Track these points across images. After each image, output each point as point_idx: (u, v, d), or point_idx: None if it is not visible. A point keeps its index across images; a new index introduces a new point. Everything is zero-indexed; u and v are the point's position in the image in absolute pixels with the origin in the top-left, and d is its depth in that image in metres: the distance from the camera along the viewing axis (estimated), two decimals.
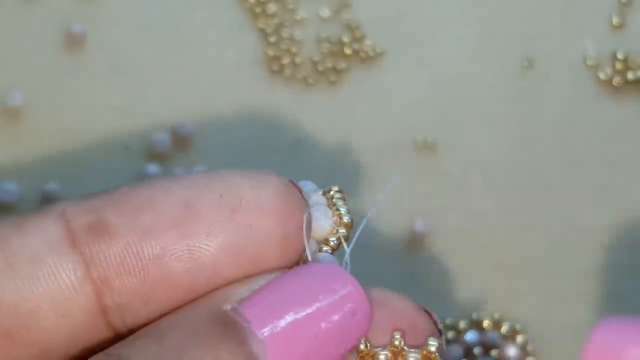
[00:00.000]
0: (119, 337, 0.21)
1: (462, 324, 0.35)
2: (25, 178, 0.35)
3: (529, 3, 0.37)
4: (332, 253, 0.23)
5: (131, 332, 0.21)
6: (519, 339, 0.35)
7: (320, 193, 0.25)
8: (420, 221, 0.35)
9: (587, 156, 0.36)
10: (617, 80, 0.36)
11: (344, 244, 0.23)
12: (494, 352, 0.35)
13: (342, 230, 0.24)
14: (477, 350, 0.35)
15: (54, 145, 0.35)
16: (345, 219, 0.24)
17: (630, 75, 0.36)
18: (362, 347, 0.22)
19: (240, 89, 0.36)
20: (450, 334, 0.35)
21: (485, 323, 0.35)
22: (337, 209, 0.24)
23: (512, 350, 0.35)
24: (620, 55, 0.36)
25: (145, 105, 0.36)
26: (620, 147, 0.36)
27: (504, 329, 0.35)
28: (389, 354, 0.22)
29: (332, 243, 0.24)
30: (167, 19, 0.36)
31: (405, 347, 0.22)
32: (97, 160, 0.35)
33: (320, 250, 0.23)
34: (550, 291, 0.36)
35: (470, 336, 0.35)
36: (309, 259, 0.22)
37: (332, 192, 0.25)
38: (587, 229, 0.36)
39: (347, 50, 0.36)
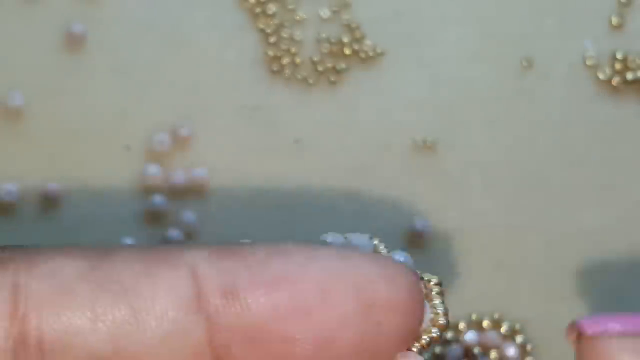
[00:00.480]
0: None
1: (461, 324, 0.35)
2: (25, 178, 0.35)
3: (529, 3, 0.37)
4: (421, 352, 0.22)
5: None
6: (519, 338, 0.35)
7: (420, 277, 0.23)
8: (420, 221, 0.35)
9: (587, 156, 0.36)
10: (616, 80, 0.36)
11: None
12: (493, 352, 0.35)
13: (435, 331, 0.22)
14: (476, 350, 0.35)
15: (54, 145, 0.35)
16: (441, 321, 0.22)
17: (629, 76, 0.36)
18: None
19: (240, 89, 0.36)
20: (449, 334, 0.35)
21: (485, 323, 0.35)
22: (435, 307, 0.23)
23: (511, 350, 0.35)
24: (619, 56, 0.36)
25: (145, 105, 0.36)
26: (620, 147, 0.36)
27: (504, 328, 0.35)
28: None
29: (423, 341, 0.22)
30: (167, 19, 0.36)
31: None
32: (97, 160, 0.36)
33: (408, 348, 0.22)
34: (550, 291, 0.36)
35: (470, 336, 0.35)
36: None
37: (431, 283, 0.23)
38: (587, 229, 0.36)
39: (347, 51, 0.36)
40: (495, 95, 0.36)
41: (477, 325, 0.35)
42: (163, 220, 0.35)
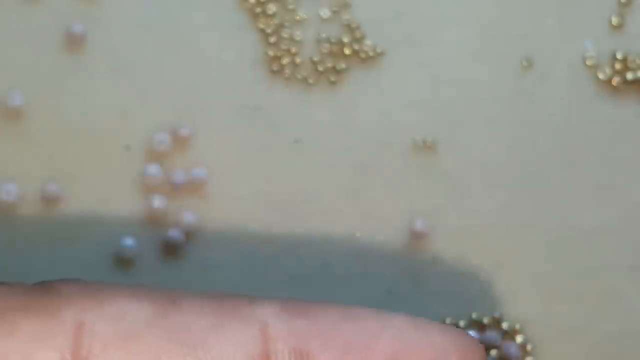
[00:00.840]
0: None
1: (461, 324, 0.35)
2: (25, 178, 0.35)
3: (529, 3, 0.37)
4: None
5: None
6: (519, 338, 0.35)
7: None
8: (420, 221, 0.36)
9: (587, 156, 0.36)
10: (616, 80, 0.36)
11: None
12: (493, 352, 0.35)
13: None
14: None
15: (54, 145, 0.35)
16: None
17: (629, 76, 0.36)
18: None
19: (240, 89, 0.36)
20: None
21: (485, 322, 0.35)
22: None
23: (511, 350, 0.35)
24: (619, 56, 0.36)
25: (145, 105, 0.36)
26: (620, 147, 0.36)
27: (504, 328, 0.35)
28: None
29: None
30: (167, 19, 0.36)
31: None
32: (97, 161, 0.36)
33: None
34: (550, 291, 0.36)
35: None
36: None
37: None
38: (587, 229, 0.36)
39: (347, 51, 0.36)
40: (495, 95, 0.36)
41: (477, 325, 0.35)
42: (163, 220, 0.35)
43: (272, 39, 0.36)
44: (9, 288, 0.21)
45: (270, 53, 0.36)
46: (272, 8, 0.36)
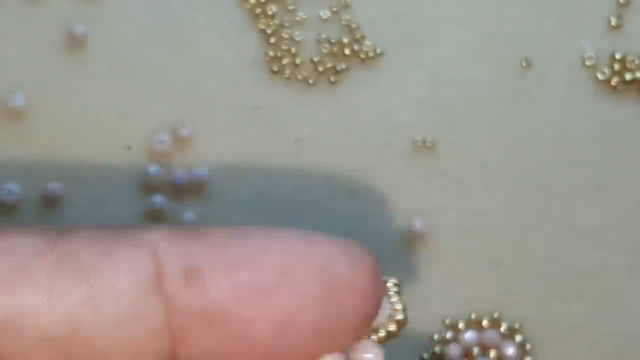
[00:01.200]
0: None
1: (460, 324, 0.35)
2: (26, 178, 0.35)
3: (528, 4, 0.37)
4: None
5: None
6: (518, 338, 0.35)
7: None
8: (419, 221, 0.36)
9: (586, 156, 0.36)
10: (615, 80, 0.36)
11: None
12: (492, 352, 0.35)
13: (393, 326, 0.23)
14: (475, 350, 0.35)
15: (56, 145, 0.36)
16: (399, 316, 0.23)
17: (628, 76, 0.36)
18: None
19: (240, 89, 0.36)
20: (449, 334, 0.35)
21: (484, 322, 0.35)
22: (393, 303, 0.23)
23: (510, 350, 0.35)
24: (618, 56, 0.36)
25: (146, 105, 0.36)
26: (619, 147, 0.36)
27: (503, 328, 0.35)
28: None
29: (380, 334, 0.23)
30: (167, 20, 0.36)
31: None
32: (98, 161, 0.36)
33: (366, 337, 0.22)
34: (550, 291, 0.36)
35: (469, 335, 0.35)
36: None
37: (389, 284, 0.24)
38: (586, 229, 0.36)
39: (347, 51, 0.36)
40: (494, 96, 0.36)
41: (476, 325, 0.35)
42: (163, 219, 0.36)
43: (273, 40, 0.36)
44: None
45: (271, 53, 0.36)
46: (272, 8, 0.36)
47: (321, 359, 0.21)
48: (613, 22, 0.36)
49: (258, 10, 0.36)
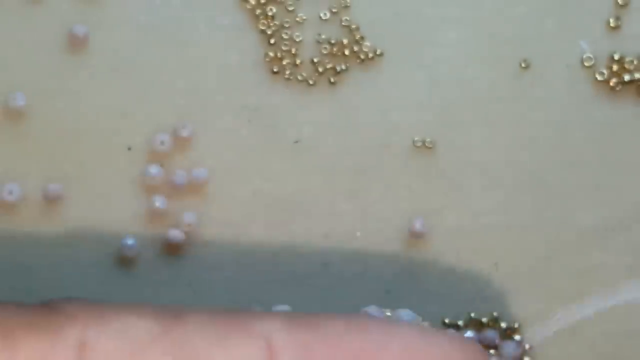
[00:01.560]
0: None
1: (460, 323, 0.35)
2: (27, 178, 0.35)
3: (526, 5, 0.37)
4: None
5: None
6: (517, 337, 0.35)
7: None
8: (419, 221, 0.36)
9: (584, 156, 0.36)
10: (613, 81, 0.36)
11: None
12: (492, 351, 0.35)
13: None
14: None
15: (56, 145, 0.36)
16: None
17: (626, 77, 0.36)
18: None
19: (240, 90, 0.36)
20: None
21: (484, 322, 0.35)
22: None
23: (510, 349, 0.35)
24: (617, 57, 0.36)
25: (146, 106, 0.36)
26: (617, 147, 0.36)
27: (502, 327, 0.35)
28: None
29: None
30: (168, 20, 0.36)
31: None
32: (99, 161, 0.36)
33: None
34: (549, 291, 0.36)
35: (469, 335, 0.35)
36: None
37: None
38: (585, 229, 0.36)
39: (347, 52, 0.36)
40: (494, 96, 0.36)
41: (475, 324, 0.35)
42: (164, 220, 0.36)
43: (273, 40, 0.36)
44: (14, 307, 0.20)
45: (271, 54, 0.36)
46: (272, 9, 0.36)
47: None
48: (612, 23, 0.36)
49: (258, 11, 0.36)
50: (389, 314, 0.23)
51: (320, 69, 0.36)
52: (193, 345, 0.20)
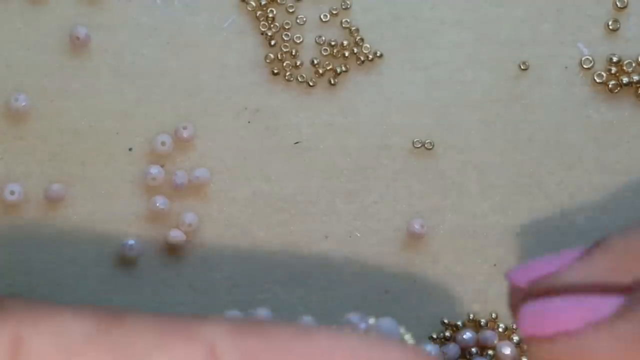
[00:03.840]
0: None
1: (459, 323, 0.35)
2: (29, 179, 0.36)
3: (525, 7, 0.37)
4: None
5: None
6: (515, 338, 0.35)
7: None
8: (418, 221, 0.36)
9: (582, 158, 0.36)
10: (612, 83, 0.36)
11: None
12: (490, 351, 0.35)
13: None
14: (473, 349, 0.35)
15: (58, 146, 0.36)
16: None
17: (625, 79, 0.36)
18: None
19: (241, 91, 0.36)
20: (447, 333, 0.35)
21: (482, 322, 0.35)
22: None
23: (507, 350, 0.35)
24: (615, 59, 0.36)
25: (148, 107, 0.36)
26: (615, 149, 0.36)
27: (500, 328, 0.35)
28: None
29: None
30: (169, 22, 0.36)
31: None
32: (100, 162, 0.36)
33: None
34: None
35: (467, 335, 0.35)
36: None
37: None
38: (582, 231, 0.36)
39: (347, 53, 0.36)
40: (492, 98, 0.36)
41: (474, 325, 0.35)
42: (165, 220, 0.36)
43: (273, 42, 0.36)
44: None
45: (271, 55, 0.36)
46: (273, 11, 0.37)
47: None
48: (610, 25, 0.36)
49: (259, 13, 0.37)
50: (371, 321, 0.22)
51: (321, 71, 0.36)
52: (131, 347, 0.19)
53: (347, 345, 0.20)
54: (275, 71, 0.36)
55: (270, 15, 0.36)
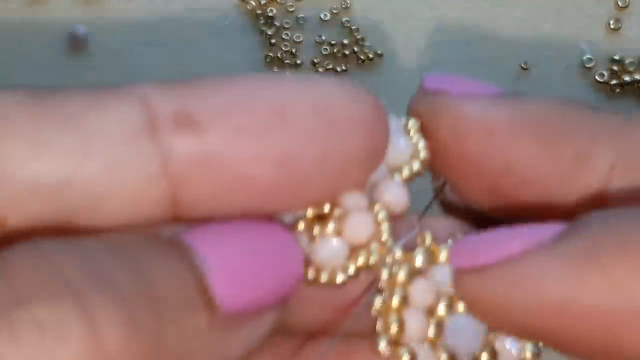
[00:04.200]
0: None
1: None
2: None
3: (525, 7, 0.37)
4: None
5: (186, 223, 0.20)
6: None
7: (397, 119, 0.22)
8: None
9: None
10: (613, 82, 0.36)
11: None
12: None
13: (416, 165, 0.22)
14: None
15: None
16: (422, 155, 0.22)
17: (626, 78, 0.36)
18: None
19: None
20: None
21: None
22: (414, 142, 0.22)
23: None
24: (617, 58, 0.36)
25: None
26: None
27: None
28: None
29: (404, 174, 0.22)
30: (169, 22, 0.36)
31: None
32: None
33: (391, 178, 0.21)
34: None
35: None
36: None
37: (410, 123, 0.22)
38: None
39: (347, 52, 0.36)
40: None
41: None
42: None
43: (273, 41, 0.36)
44: None
45: (271, 55, 0.36)
46: (273, 10, 0.37)
47: (342, 196, 0.20)
48: (612, 25, 0.36)
49: (259, 12, 0.37)
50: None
51: (321, 70, 0.36)
52: (66, 108, 0.19)
53: (276, 81, 0.20)
54: (276, 70, 0.36)
55: (270, 14, 0.37)
